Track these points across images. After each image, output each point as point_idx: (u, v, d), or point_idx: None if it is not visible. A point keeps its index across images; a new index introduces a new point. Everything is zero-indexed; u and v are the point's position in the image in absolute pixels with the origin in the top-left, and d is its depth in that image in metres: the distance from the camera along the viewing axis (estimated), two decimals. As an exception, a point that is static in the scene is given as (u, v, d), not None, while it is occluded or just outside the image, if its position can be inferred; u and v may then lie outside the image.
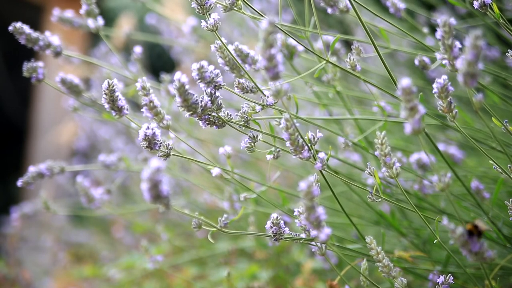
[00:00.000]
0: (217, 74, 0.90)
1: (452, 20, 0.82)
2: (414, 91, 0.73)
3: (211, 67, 0.89)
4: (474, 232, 0.78)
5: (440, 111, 0.89)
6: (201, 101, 0.89)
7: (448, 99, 0.88)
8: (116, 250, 2.21)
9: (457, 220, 1.02)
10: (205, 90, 0.90)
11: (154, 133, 0.90)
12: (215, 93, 0.90)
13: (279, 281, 1.47)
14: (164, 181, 0.73)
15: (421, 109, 0.73)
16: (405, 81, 0.73)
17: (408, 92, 0.73)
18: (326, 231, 0.78)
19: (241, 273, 1.47)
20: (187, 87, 0.86)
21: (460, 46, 0.83)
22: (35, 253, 2.56)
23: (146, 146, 0.90)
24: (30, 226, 2.54)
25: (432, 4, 1.72)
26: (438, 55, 0.85)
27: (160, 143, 0.91)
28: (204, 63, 0.89)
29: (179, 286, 1.63)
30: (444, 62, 0.85)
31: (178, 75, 0.85)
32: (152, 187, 0.72)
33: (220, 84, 0.90)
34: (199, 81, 0.89)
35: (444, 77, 0.87)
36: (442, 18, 0.82)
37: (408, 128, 0.74)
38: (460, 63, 0.73)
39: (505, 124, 0.93)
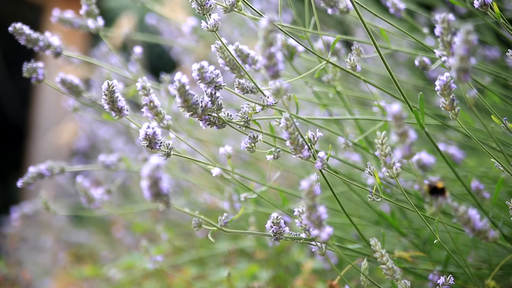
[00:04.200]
0: (218, 74, 0.90)
1: (451, 16, 0.82)
2: (405, 116, 0.73)
3: (211, 68, 0.89)
4: (436, 189, 0.81)
5: (442, 108, 0.89)
6: (202, 101, 0.89)
7: (451, 96, 0.88)
8: (116, 250, 2.21)
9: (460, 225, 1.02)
10: (206, 91, 0.90)
11: (154, 132, 0.90)
12: (215, 93, 0.90)
13: (279, 281, 1.47)
14: (164, 178, 0.73)
15: (412, 134, 0.73)
16: (395, 107, 0.73)
17: (399, 118, 0.73)
18: (328, 230, 0.79)
19: (241, 273, 1.47)
20: (187, 87, 0.86)
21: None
22: (35, 253, 2.55)
23: (147, 146, 0.90)
24: (30, 226, 2.54)
25: (432, 4, 1.72)
26: (437, 52, 0.85)
27: (161, 143, 0.91)
28: (205, 63, 0.89)
29: (179, 286, 1.63)
30: (443, 58, 0.85)
31: (178, 75, 0.85)
32: (152, 184, 0.72)
33: (220, 85, 0.90)
34: (199, 81, 0.89)
35: (447, 74, 0.87)
36: (441, 14, 0.82)
37: (398, 154, 0.74)
38: (453, 59, 0.73)
39: (504, 122, 0.93)
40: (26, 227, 2.47)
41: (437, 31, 0.83)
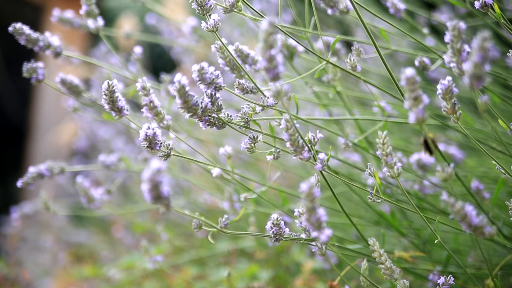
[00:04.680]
0: (218, 75, 0.90)
1: (462, 24, 0.82)
2: (418, 80, 0.74)
3: (211, 68, 0.89)
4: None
5: (444, 112, 0.89)
6: (201, 102, 0.89)
7: (453, 100, 0.88)
8: (116, 250, 2.21)
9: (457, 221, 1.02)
10: (205, 91, 0.90)
11: (154, 133, 0.89)
12: (215, 94, 0.90)
13: (279, 281, 1.47)
14: (165, 182, 0.73)
15: (425, 98, 0.74)
16: (409, 71, 0.73)
17: (412, 82, 0.73)
18: (327, 232, 0.78)
19: (241, 273, 1.47)
20: (187, 88, 0.86)
21: (468, 50, 0.84)
22: (35, 253, 2.55)
23: (147, 146, 0.90)
24: (30, 226, 2.54)
25: (433, 2, 1.72)
26: (446, 58, 0.85)
27: (161, 143, 0.91)
28: (205, 64, 0.88)
29: (179, 286, 1.63)
30: (452, 65, 0.85)
31: (178, 76, 0.84)
32: (153, 188, 0.72)
33: (220, 86, 0.90)
34: (199, 82, 0.89)
35: (449, 78, 0.87)
36: (451, 22, 0.82)
37: (412, 117, 0.74)
38: (466, 65, 0.73)
39: (511, 127, 0.93)
40: (26, 227, 2.47)
41: (447, 38, 0.83)
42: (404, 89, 0.74)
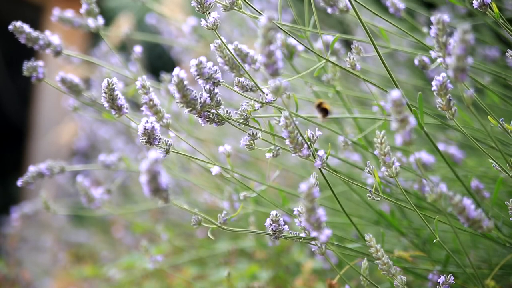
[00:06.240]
0: (216, 70, 0.90)
1: (446, 17, 0.82)
2: (404, 103, 0.73)
3: (210, 63, 0.89)
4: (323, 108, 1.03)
5: (439, 109, 0.89)
6: (200, 97, 0.89)
7: (447, 96, 0.88)
8: (116, 250, 2.21)
9: (457, 220, 1.02)
10: (204, 87, 0.90)
11: (153, 127, 0.89)
12: (214, 89, 0.90)
13: (279, 281, 1.47)
14: (163, 173, 0.72)
15: (412, 120, 0.73)
16: (395, 93, 0.73)
17: (398, 104, 0.73)
18: (326, 232, 0.78)
19: (241, 273, 1.47)
20: (186, 82, 0.86)
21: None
22: (35, 253, 2.55)
23: (146, 141, 0.90)
24: (30, 226, 2.54)
25: (432, 3, 1.72)
26: (433, 53, 0.85)
27: (160, 139, 0.91)
28: (203, 59, 0.88)
29: (179, 286, 1.63)
30: (439, 59, 0.85)
31: (176, 70, 0.84)
32: (151, 179, 0.72)
33: (219, 81, 0.90)
34: (197, 77, 0.89)
35: (443, 74, 0.87)
36: (436, 15, 0.82)
37: (399, 139, 0.74)
38: (450, 58, 0.74)
39: (500, 122, 0.93)
40: (26, 227, 2.47)
41: (433, 32, 0.83)
42: (391, 111, 0.74)
